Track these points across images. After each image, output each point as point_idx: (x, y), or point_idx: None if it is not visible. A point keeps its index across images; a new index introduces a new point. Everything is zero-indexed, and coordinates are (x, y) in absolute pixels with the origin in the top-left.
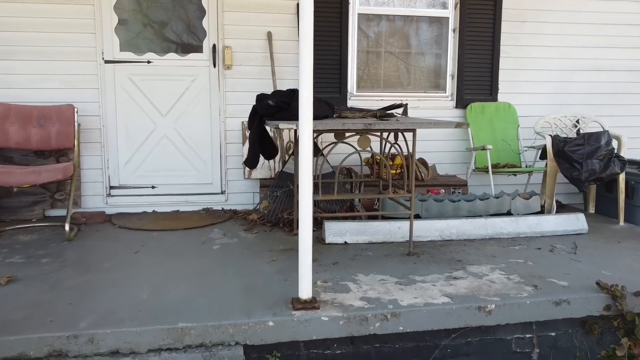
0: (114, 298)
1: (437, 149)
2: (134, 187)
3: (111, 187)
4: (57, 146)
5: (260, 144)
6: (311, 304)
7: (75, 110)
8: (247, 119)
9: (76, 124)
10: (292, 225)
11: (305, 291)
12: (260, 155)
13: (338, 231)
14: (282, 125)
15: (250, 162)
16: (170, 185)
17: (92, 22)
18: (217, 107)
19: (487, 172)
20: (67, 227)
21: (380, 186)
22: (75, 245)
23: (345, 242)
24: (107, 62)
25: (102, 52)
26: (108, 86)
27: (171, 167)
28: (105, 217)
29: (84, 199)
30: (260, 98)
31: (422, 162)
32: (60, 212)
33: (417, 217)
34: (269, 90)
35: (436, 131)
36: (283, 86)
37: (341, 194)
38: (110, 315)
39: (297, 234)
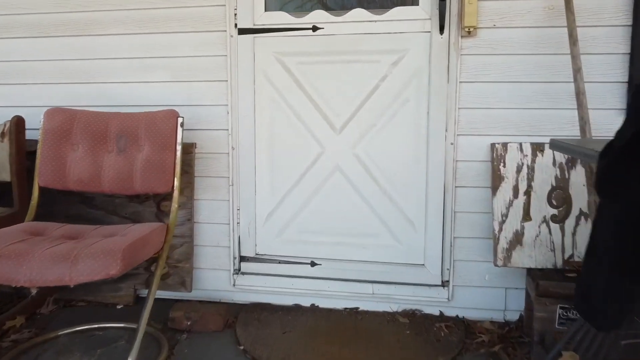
0: None
1: None
2: (281, 262)
3: (242, 258)
4: (143, 190)
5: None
6: None
7: (179, 120)
8: (501, 137)
9: (178, 145)
10: None
11: None
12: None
13: None
14: None
15: (596, 311)
16: (343, 261)
17: None
18: (443, 114)
19: None
20: (131, 359)
21: None
22: None
23: None
24: (241, 31)
25: (235, 15)
26: (242, 76)
27: (347, 228)
28: (226, 318)
29: (198, 275)
30: None
31: None
32: (161, 292)
33: None
34: (552, 78)
35: None
36: (590, 69)
37: None
38: None
39: None
